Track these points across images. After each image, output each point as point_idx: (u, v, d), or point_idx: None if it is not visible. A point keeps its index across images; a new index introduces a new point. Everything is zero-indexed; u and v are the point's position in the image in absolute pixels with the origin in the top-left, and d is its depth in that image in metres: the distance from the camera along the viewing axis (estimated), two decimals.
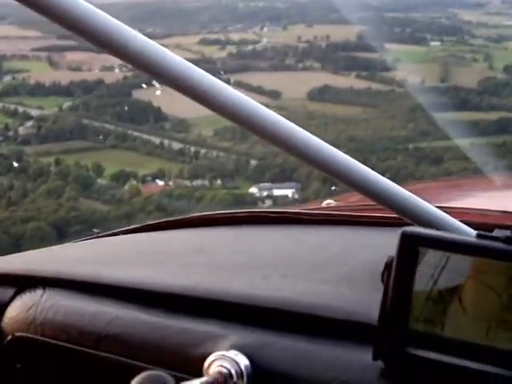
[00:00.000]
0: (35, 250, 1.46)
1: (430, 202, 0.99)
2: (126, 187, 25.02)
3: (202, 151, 29.90)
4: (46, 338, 1.17)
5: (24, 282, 1.25)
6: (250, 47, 42.36)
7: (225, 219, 1.46)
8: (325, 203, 1.74)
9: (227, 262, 1.25)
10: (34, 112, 32.39)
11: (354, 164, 0.91)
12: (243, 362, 0.97)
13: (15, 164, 26.73)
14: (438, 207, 0.99)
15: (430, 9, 45.91)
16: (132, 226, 1.53)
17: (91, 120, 31.62)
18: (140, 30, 0.76)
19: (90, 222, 18.00)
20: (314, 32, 43.51)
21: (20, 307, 1.22)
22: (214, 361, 0.98)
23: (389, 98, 32.93)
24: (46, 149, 29.16)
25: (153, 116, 32.01)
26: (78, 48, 43.02)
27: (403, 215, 0.97)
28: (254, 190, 24.81)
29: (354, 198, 1.68)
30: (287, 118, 0.85)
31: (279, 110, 30.92)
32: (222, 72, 32.61)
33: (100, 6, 0.73)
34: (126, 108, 32.05)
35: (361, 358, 0.93)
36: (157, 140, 30.54)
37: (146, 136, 30.97)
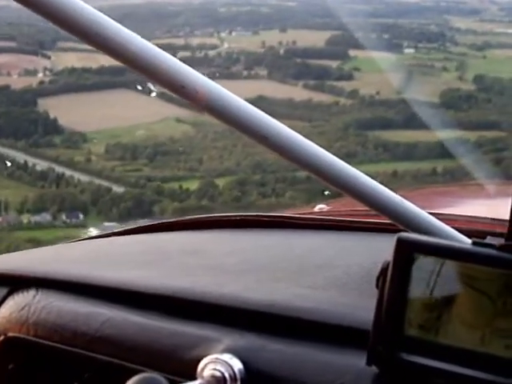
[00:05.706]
0: (28, 250, 1.47)
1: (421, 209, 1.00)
2: None
3: (68, 173, 24.97)
4: (38, 339, 1.17)
5: (17, 282, 1.25)
6: (202, 54, 38.52)
7: (218, 222, 1.48)
8: (317, 208, 1.73)
9: (220, 264, 1.25)
10: None
11: (347, 168, 0.93)
12: (237, 365, 0.98)
13: None
14: (429, 213, 1.00)
15: (422, 15, 42.41)
16: (124, 228, 1.53)
17: None
18: None
19: None
20: (286, 37, 39.82)
21: (12, 307, 1.22)
22: (207, 364, 0.99)
23: (329, 111, 28.28)
24: None
25: (44, 129, 27.12)
26: (6, 50, 38.63)
27: (395, 221, 0.99)
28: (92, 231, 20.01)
29: (345, 203, 1.68)
30: (193, 137, 0.73)
31: (193, 125, 26.30)
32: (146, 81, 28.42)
33: None
34: (10, 119, 27.16)
35: (354, 362, 0.94)
36: (22, 159, 25.62)
37: (14, 154, 26.05)
